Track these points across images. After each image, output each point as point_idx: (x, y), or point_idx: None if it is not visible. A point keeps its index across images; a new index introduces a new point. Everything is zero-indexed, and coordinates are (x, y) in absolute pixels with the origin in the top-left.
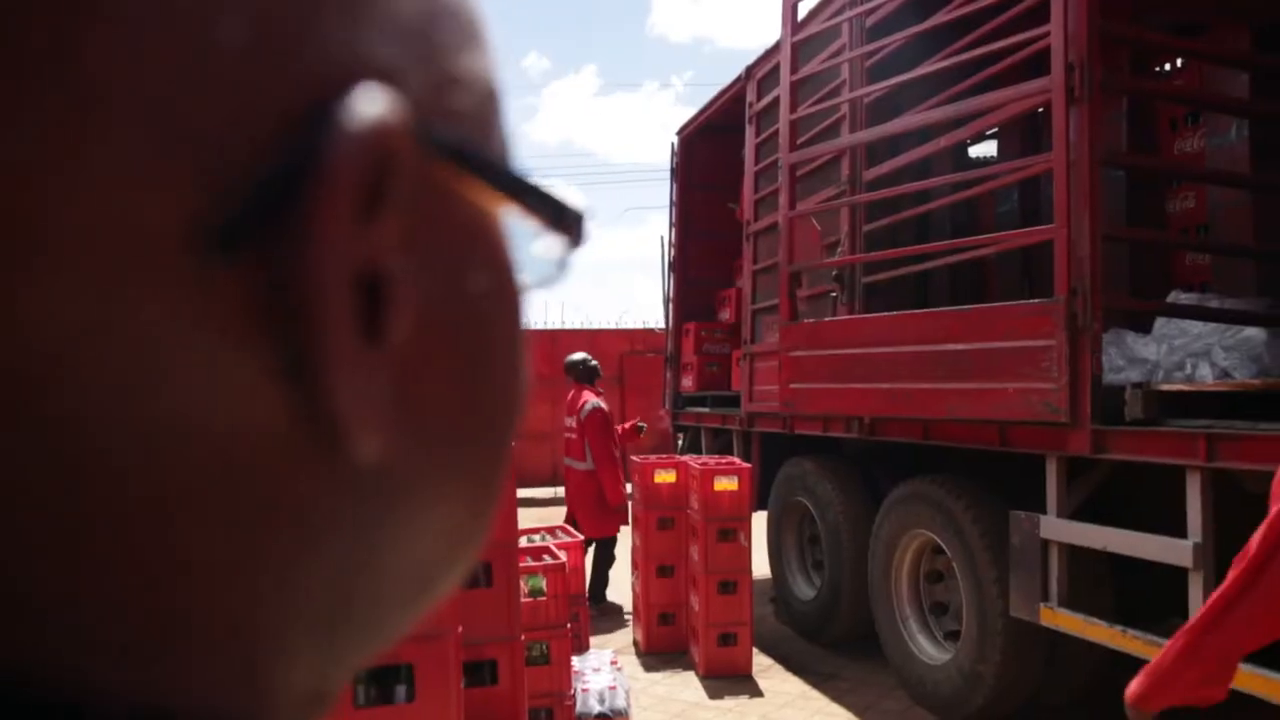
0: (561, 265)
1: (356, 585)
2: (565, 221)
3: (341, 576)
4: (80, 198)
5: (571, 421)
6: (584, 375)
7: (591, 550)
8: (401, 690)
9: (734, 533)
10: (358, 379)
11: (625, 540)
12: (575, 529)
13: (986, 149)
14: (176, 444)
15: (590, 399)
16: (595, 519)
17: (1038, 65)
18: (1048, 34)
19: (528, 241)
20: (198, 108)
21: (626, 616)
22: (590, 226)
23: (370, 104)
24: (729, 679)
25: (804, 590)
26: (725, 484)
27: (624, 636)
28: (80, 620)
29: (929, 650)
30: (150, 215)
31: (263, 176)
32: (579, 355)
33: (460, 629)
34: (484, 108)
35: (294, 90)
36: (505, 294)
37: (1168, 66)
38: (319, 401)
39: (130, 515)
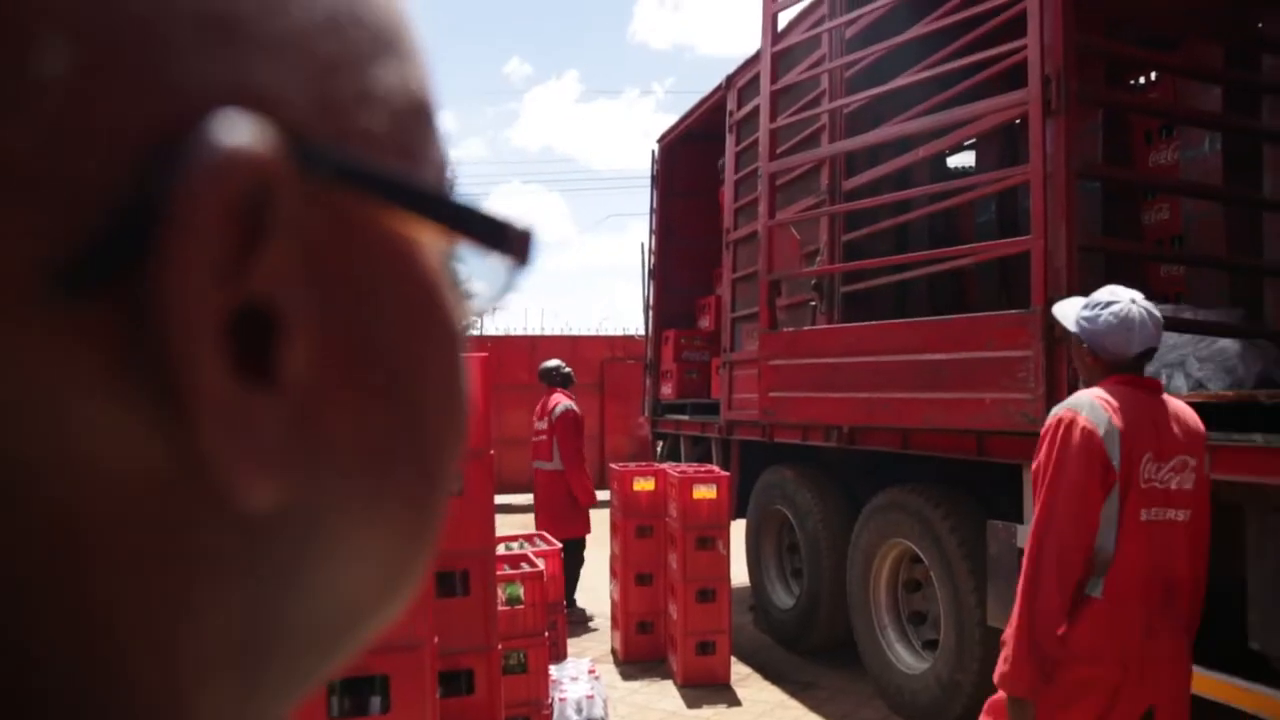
0: (507, 286)
1: (268, 626)
2: (506, 242)
3: (258, 620)
4: None
5: (542, 424)
6: (558, 381)
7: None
8: (376, 701)
9: (713, 541)
10: (237, 424)
11: (603, 548)
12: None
13: (965, 160)
14: (41, 494)
15: (563, 400)
16: (563, 520)
17: (1015, 77)
18: (1024, 47)
19: (472, 263)
20: (26, 146)
21: (593, 625)
22: (537, 244)
23: (230, 132)
24: (707, 688)
25: (783, 599)
26: (704, 492)
27: (602, 645)
28: None
29: (907, 659)
30: None
31: (109, 216)
32: (553, 362)
33: (436, 639)
34: (404, 124)
35: (141, 123)
36: (432, 319)
37: (1142, 80)
38: (190, 450)
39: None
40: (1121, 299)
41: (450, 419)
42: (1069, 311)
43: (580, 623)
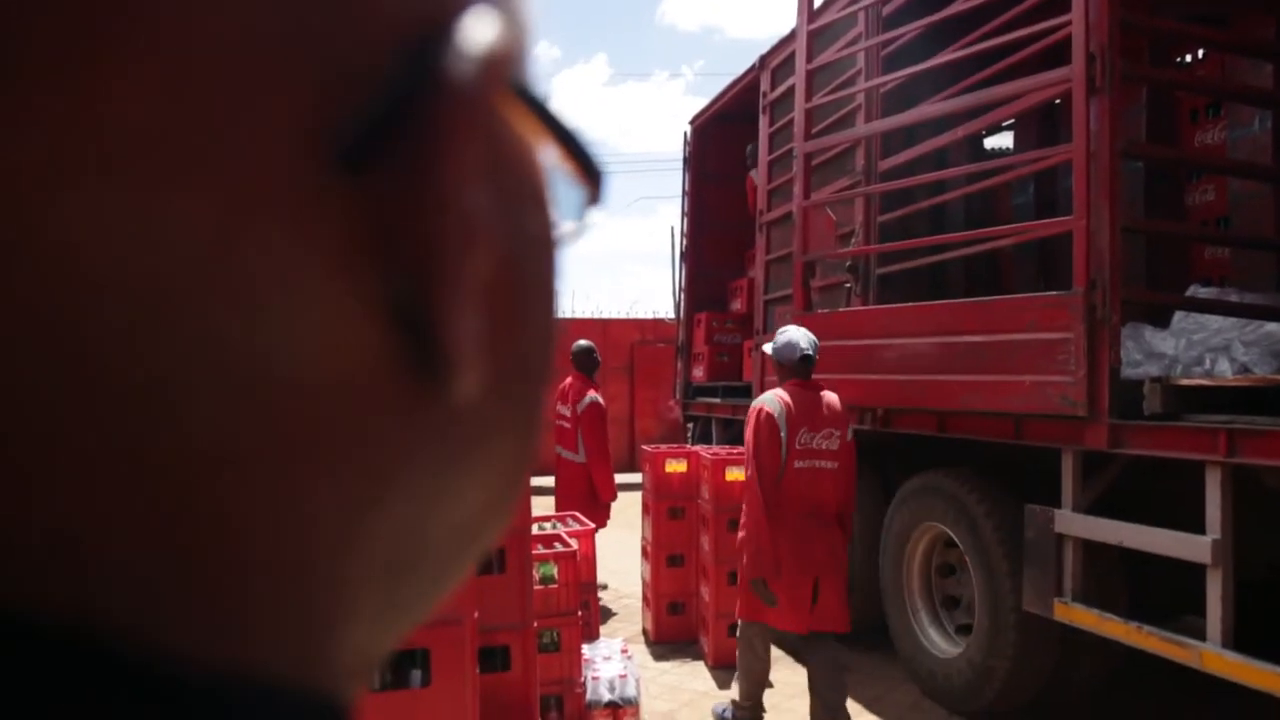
0: (585, 220)
1: (417, 537)
2: (591, 174)
3: (408, 527)
4: (193, 102)
5: (566, 410)
6: (587, 365)
7: None
8: (417, 675)
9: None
10: (467, 310)
11: (634, 530)
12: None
13: (1001, 141)
14: (272, 381)
15: (588, 392)
16: (586, 511)
17: (1055, 56)
18: (1068, 23)
19: (562, 190)
20: (314, 22)
21: (613, 608)
22: (608, 185)
23: (487, 30)
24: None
25: None
26: (737, 474)
27: (633, 626)
28: (147, 572)
29: (940, 643)
30: (269, 120)
31: (385, 96)
32: (585, 343)
33: (476, 614)
34: (528, 53)
35: (412, 11)
36: (552, 240)
37: (1189, 57)
38: (432, 336)
39: (221, 460)
40: (789, 330)
41: (554, 345)
42: (767, 346)
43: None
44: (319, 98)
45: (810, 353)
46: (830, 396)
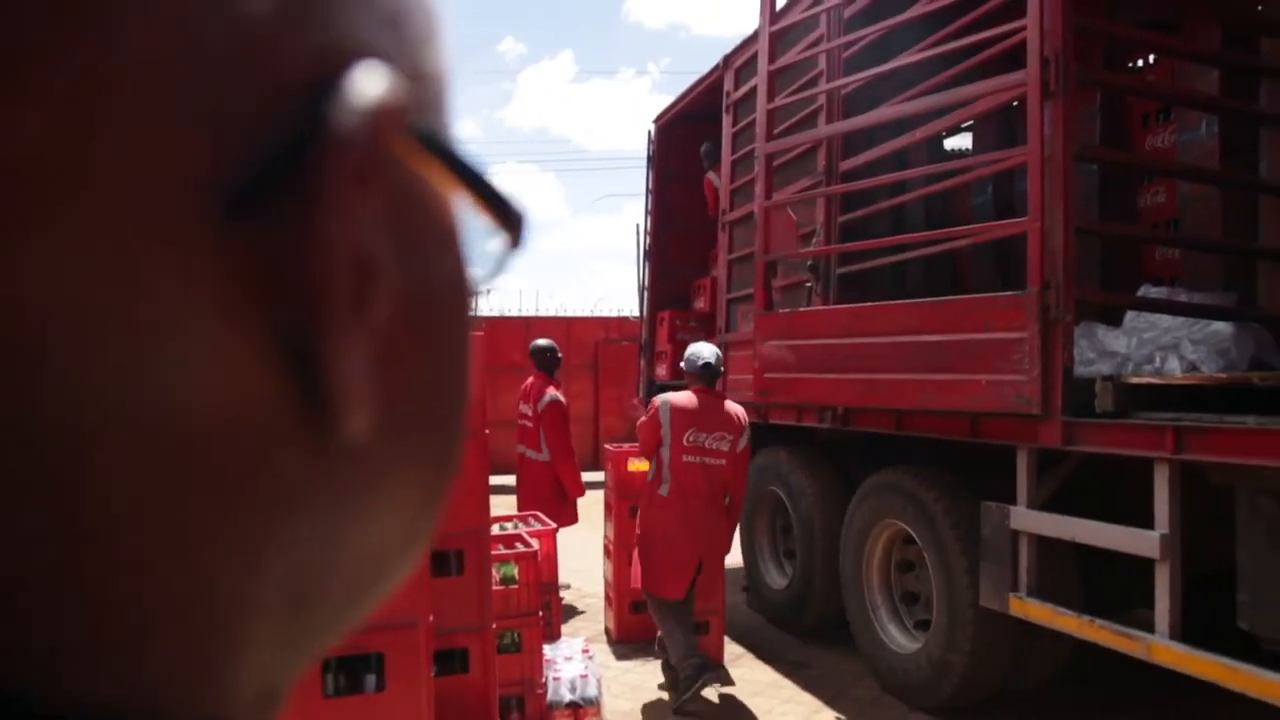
0: (502, 263)
1: (318, 571)
2: (510, 220)
3: (307, 562)
4: (97, 152)
5: (528, 409)
6: (547, 364)
7: None
8: (371, 679)
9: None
10: (351, 354)
11: (596, 529)
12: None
13: (962, 142)
14: (157, 421)
15: (549, 390)
16: (550, 511)
17: (1014, 59)
18: (1024, 28)
19: (477, 236)
20: (210, 71)
21: (579, 607)
22: (529, 229)
23: (375, 82)
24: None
25: (776, 579)
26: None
27: (595, 625)
28: (50, 615)
29: (899, 639)
30: (161, 174)
31: (273, 145)
32: (545, 342)
33: (431, 618)
34: (441, 100)
35: (304, 63)
36: (463, 286)
37: (1140, 63)
38: (318, 377)
39: (109, 497)
40: (699, 345)
41: (467, 388)
42: (684, 363)
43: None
44: (207, 149)
45: (711, 362)
46: (732, 406)
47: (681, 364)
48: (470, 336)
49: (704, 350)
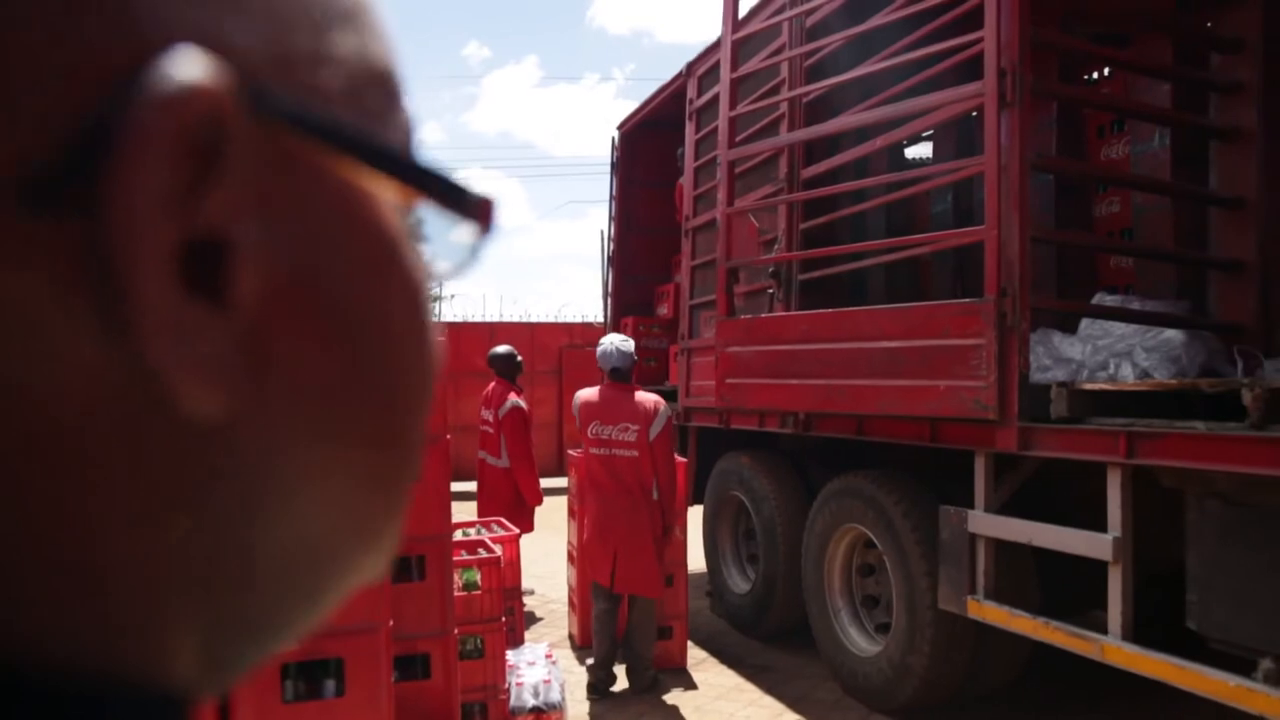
0: (472, 251)
1: (237, 553)
2: (469, 208)
3: (219, 541)
4: None
5: (489, 415)
6: (507, 370)
7: None
8: (330, 685)
9: (669, 527)
10: (181, 334)
11: (560, 534)
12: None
13: (923, 150)
14: (9, 403)
15: (510, 397)
16: (509, 518)
17: (973, 69)
18: (981, 40)
19: (440, 227)
20: (24, 57)
21: (539, 614)
22: (499, 214)
23: (187, 67)
24: (664, 671)
25: (739, 584)
26: None
27: (559, 631)
28: None
29: (860, 642)
30: None
31: (69, 141)
32: (504, 349)
33: (391, 622)
34: (361, 89)
35: (105, 57)
36: (391, 270)
37: (1095, 75)
38: (136, 354)
39: None
40: (606, 339)
41: (415, 369)
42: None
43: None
44: (21, 138)
45: (613, 358)
46: (642, 397)
47: (599, 357)
48: (423, 323)
49: (607, 346)
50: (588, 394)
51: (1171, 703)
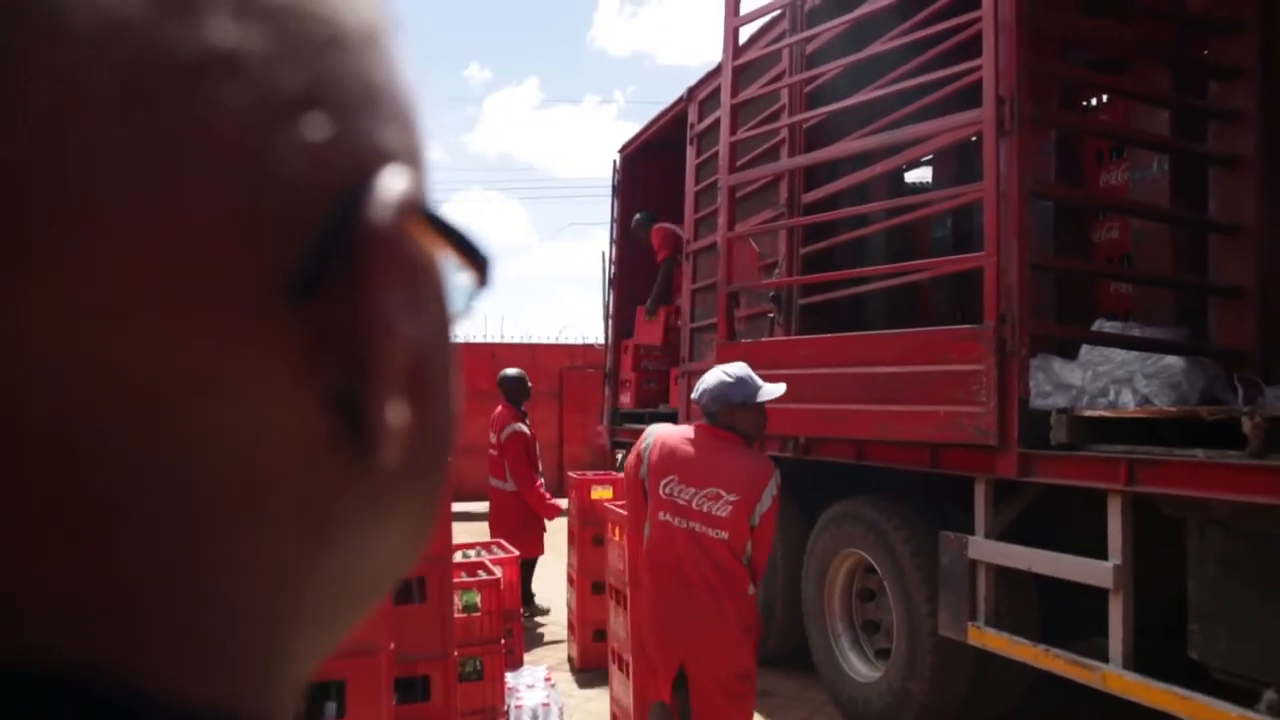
0: (472, 301)
1: (346, 580)
2: (480, 263)
3: (340, 573)
4: (196, 250)
5: (494, 438)
6: (515, 394)
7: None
8: (332, 706)
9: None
10: (387, 399)
11: (560, 556)
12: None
13: (924, 175)
14: (243, 464)
15: (512, 422)
16: (517, 539)
17: (974, 96)
18: (979, 68)
19: (453, 279)
20: (283, 184)
21: (543, 632)
22: (494, 268)
23: (399, 181)
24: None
25: None
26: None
27: (558, 654)
28: (109, 608)
29: (860, 668)
30: (242, 264)
31: (326, 238)
32: (515, 371)
33: (392, 645)
34: (426, 170)
35: (346, 167)
36: (449, 327)
37: (1094, 102)
38: (364, 419)
39: (196, 517)
40: (712, 373)
41: (455, 419)
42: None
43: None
44: (278, 248)
45: (718, 396)
46: (749, 457)
47: (694, 395)
48: (454, 370)
49: (712, 377)
50: (669, 434)
51: None
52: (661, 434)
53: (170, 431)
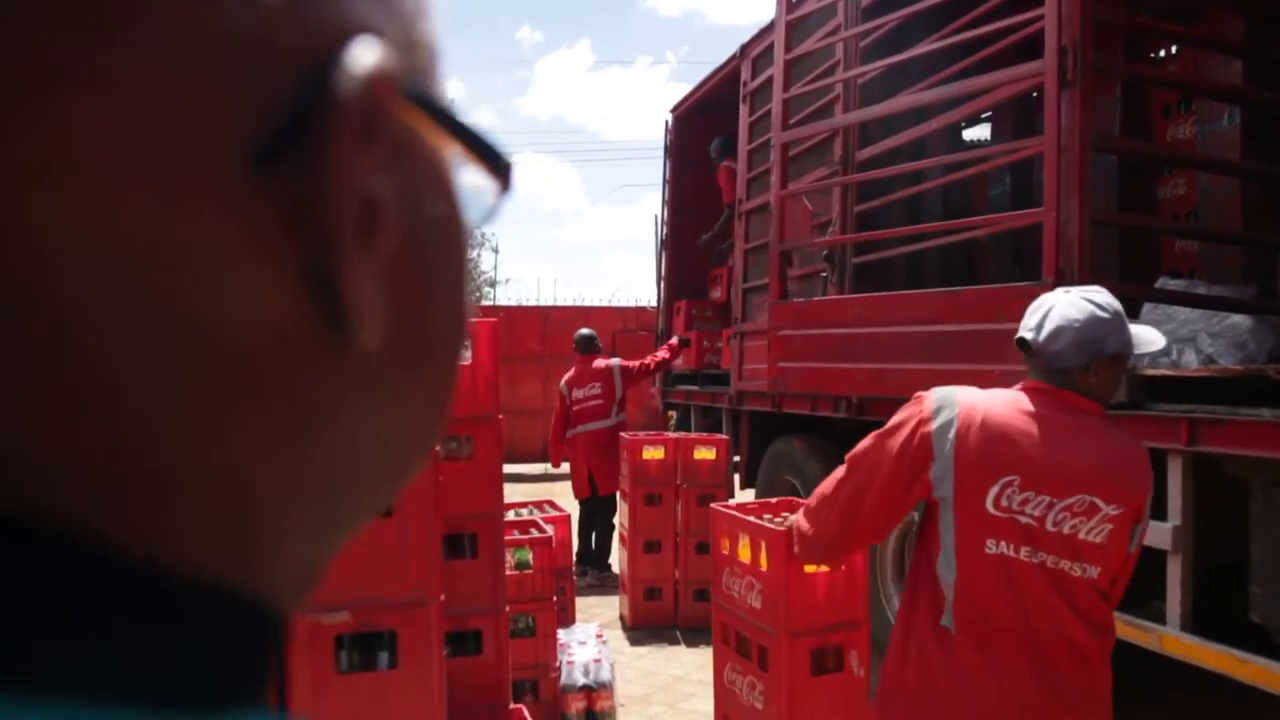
0: (495, 207)
1: (343, 465)
2: (498, 166)
3: (333, 456)
4: (151, 121)
5: (583, 392)
6: (590, 349)
7: (581, 518)
8: (384, 656)
9: (712, 497)
10: (365, 278)
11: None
12: (590, 486)
13: (981, 132)
14: (211, 337)
15: (608, 361)
16: (614, 472)
17: (1033, 48)
18: (1041, 17)
19: (470, 183)
20: (239, 47)
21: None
22: (515, 175)
23: (368, 54)
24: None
25: None
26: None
27: (610, 611)
28: (86, 471)
29: None
30: (201, 132)
31: (289, 110)
32: (588, 331)
33: (443, 597)
34: (433, 65)
35: (312, 40)
36: (457, 222)
37: (1162, 53)
38: (336, 297)
39: (166, 386)
40: (1063, 302)
41: (463, 315)
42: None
43: (610, 584)
44: (238, 115)
45: (1119, 336)
46: (1119, 441)
47: (1030, 334)
48: (465, 269)
49: (1073, 304)
50: (990, 405)
51: (1235, 705)
52: (974, 403)
53: (134, 300)
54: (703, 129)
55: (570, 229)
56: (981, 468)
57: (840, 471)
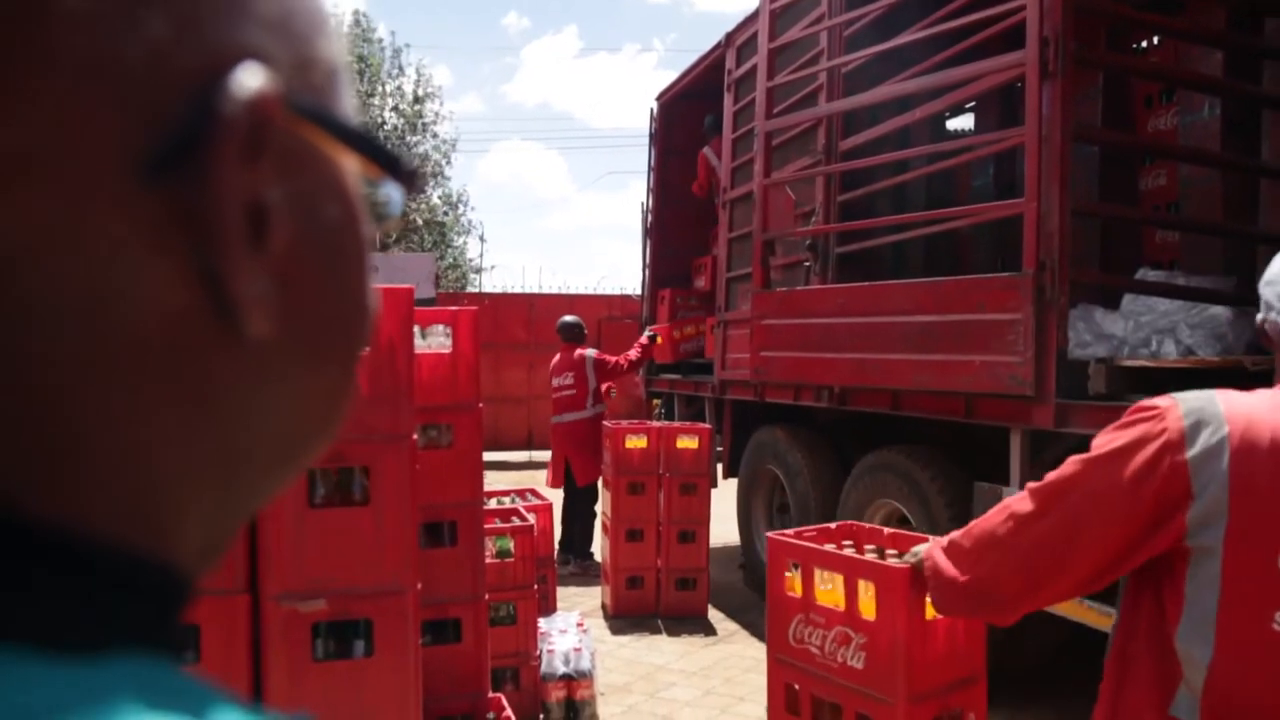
0: (397, 207)
1: (242, 448)
2: (400, 171)
3: (232, 439)
4: (47, 130)
5: (560, 381)
6: (574, 336)
7: (564, 506)
8: (360, 645)
9: (694, 487)
10: (249, 275)
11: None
12: (567, 476)
13: (966, 123)
14: (106, 321)
15: (586, 350)
16: (591, 464)
17: (1018, 38)
18: (1023, 8)
19: (374, 188)
20: (126, 69)
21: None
22: (421, 178)
23: (252, 77)
24: (695, 640)
25: None
26: (687, 442)
27: (591, 600)
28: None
29: None
30: (91, 141)
31: (179, 125)
32: (573, 318)
33: (419, 585)
34: (331, 82)
35: (198, 64)
36: (354, 226)
37: (1144, 43)
38: (222, 291)
39: (64, 366)
40: None
41: (363, 311)
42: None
43: (594, 573)
44: (128, 129)
45: None
46: None
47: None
48: (366, 266)
49: None
50: (1249, 414)
51: None
52: (1252, 416)
53: (26, 284)
54: (688, 117)
55: (556, 216)
56: (1277, 510)
57: (1020, 505)
